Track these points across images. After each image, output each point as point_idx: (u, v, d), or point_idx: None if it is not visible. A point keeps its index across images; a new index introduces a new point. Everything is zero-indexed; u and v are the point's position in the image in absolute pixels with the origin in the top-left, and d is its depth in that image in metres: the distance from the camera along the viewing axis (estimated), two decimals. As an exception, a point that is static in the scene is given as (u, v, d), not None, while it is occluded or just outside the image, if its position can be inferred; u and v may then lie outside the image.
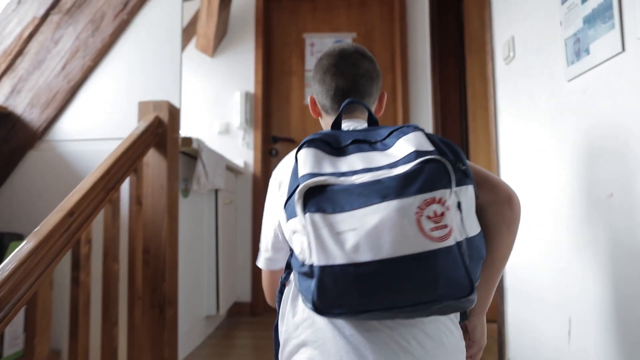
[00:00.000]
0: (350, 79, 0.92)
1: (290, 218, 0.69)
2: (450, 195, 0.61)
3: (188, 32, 2.99)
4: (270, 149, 3.00)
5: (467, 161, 0.72)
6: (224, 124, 2.90)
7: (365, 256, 0.58)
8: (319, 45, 3.07)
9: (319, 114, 1.00)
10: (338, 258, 0.59)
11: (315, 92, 0.97)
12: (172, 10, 1.81)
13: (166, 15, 1.81)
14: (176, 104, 1.75)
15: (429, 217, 0.59)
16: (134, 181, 1.47)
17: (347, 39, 3.05)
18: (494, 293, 0.86)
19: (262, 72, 2.93)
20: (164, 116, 1.64)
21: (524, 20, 1.47)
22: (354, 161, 0.68)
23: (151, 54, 1.79)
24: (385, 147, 0.71)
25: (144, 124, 1.56)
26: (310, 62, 3.06)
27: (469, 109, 2.65)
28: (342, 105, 0.81)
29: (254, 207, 2.85)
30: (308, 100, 1.03)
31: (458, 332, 0.75)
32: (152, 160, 1.62)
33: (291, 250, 0.78)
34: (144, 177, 1.59)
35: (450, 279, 0.59)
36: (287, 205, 0.70)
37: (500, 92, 1.70)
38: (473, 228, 0.69)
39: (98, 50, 1.79)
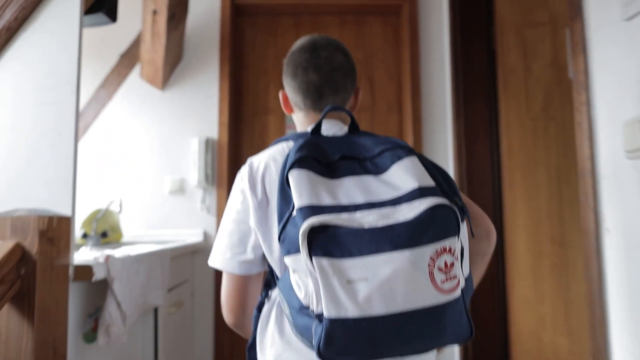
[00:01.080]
0: (324, 73, 0.90)
1: (289, 254, 0.65)
2: (457, 242, 0.61)
3: (130, 56, 2.25)
4: (240, 211, 2.28)
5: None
6: (177, 180, 2.16)
7: (378, 309, 0.57)
8: (305, 73, 2.36)
9: (291, 110, 0.97)
10: (350, 310, 0.57)
11: (286, 87, 0.95)
12: (63, 43, 1.08)
13: (53, 51, 1.08)
14: (65, 209, 1.03)
15: (440, 269, 0.58)
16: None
17: (340, 67, 2.35)
18: None
19: (228, 110, 2.21)
20: (32, 243, 0.91)
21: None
22: (351, 189, 0.65)
23: (22, 122, 1.06)
24: (378, 170, 0.69)
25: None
26: (293, 95, 2.35)
27: (503, 170, 1.99)
28: (325, 111, 0.78)
29: (217, 291, 2.12)
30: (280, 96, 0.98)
31: None
32: (6, 325, 0.90)
33: (271, 269, 0.83)
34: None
35: (455, 328, 0.61)
36: (282, 236, 0.67)
37: (610, 202, 1.03)
38: (467, 267, 0.68)
39: None
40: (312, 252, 0.58)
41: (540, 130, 1.98)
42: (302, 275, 0.64)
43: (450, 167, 2.14)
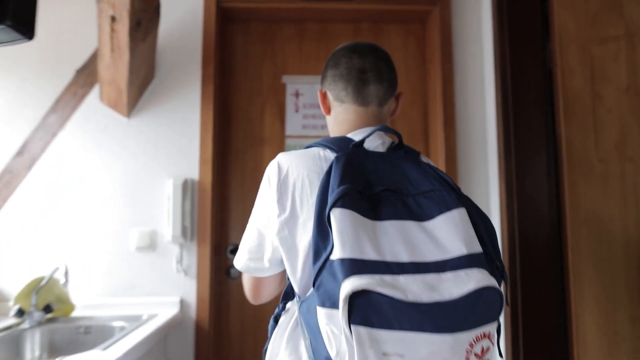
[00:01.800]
0: (369, 59, 0.86)
1: (324, 307, 0.62)
2: (496, 324, 0.61)
3: (88, 73, 1.77)
4: (228, 268, 1.82)
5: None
6: (146, 234, 1.69)
7: None
8: (308, 95, 1.90)
9: (329, 111, 0.91)
10: None
11: (327, 81, 0.90)
12: None
13: None
14: None
15: (476, 355, 0.58)
16: None
17: (353, 86, 1.89)
18: None
19: (212, 142, 1.74)
20: None
21: None
22: (394, 241, 0.63)
23: None
24: (423, 214, 0.67)
25: None
26: (294, 121, 1.89)
27: (566, 225, 1.55)
28: (373, 130, 0.77)
29: (198, 374, 1.66)
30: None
31: None
32: None
33: (290, 286, 0.81)
34: None
35: None
36: (317, 281, 0.63)
37: None
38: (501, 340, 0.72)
39: None
40: (351, 319, 0.56)
41: (613, 174, 1.54)
42: (336, 330, 0.61)
43: (495, 218, 1.69)
